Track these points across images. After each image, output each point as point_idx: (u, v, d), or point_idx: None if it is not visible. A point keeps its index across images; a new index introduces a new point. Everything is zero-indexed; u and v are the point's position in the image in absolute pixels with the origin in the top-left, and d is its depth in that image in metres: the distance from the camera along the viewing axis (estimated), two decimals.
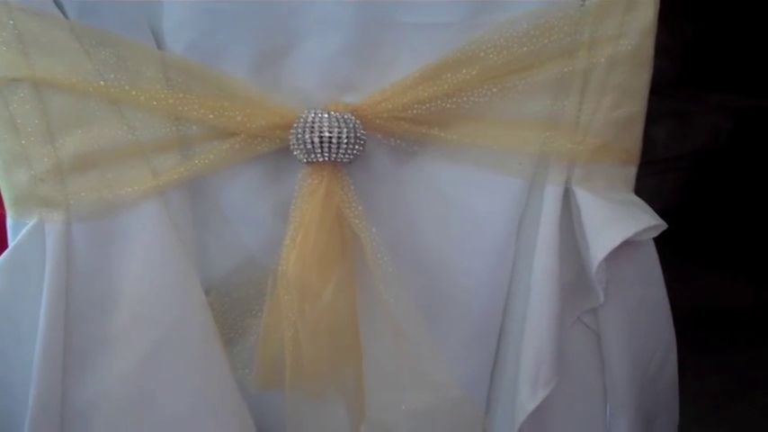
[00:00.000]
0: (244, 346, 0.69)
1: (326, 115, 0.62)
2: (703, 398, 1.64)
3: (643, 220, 0.66)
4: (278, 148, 0.64)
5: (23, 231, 0.61)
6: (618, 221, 0.65)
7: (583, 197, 0.66)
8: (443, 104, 0.64)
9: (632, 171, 0.69)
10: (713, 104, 2.82)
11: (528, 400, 0.66)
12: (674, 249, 0.70)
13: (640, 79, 0.66)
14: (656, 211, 0.68)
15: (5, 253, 0.62)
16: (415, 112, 0.63)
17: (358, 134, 0.63)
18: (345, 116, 0.62)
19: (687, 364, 0.76)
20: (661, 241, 0.69)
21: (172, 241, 0.64)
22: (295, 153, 0.63)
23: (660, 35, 0.66)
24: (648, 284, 0.71)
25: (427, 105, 0.63)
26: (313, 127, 0.62)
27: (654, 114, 0.69)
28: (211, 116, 0.62)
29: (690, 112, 2.73)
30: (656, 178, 2.49)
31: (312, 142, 0.62)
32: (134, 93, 0.61)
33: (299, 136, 0.62)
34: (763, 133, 2.64)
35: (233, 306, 0.69)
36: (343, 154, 0.62)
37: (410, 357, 0.66)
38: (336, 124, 0.62)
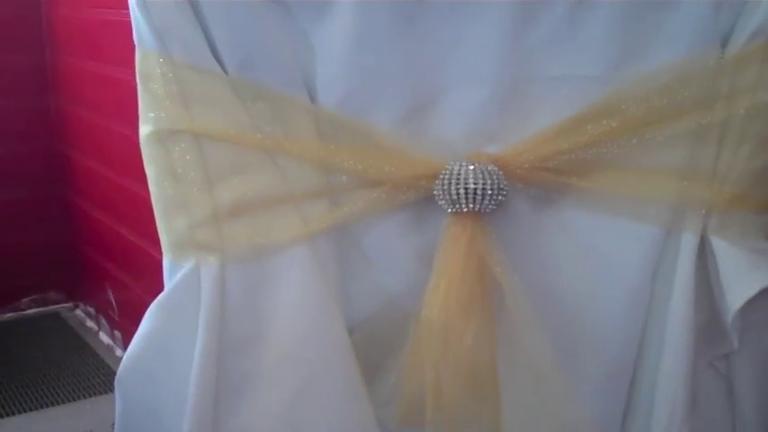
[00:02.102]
0: (384, 384, 0.71)
1: (471, 167, 0.64)
2: None
3: None
4: (422, 197, 0.66)
5: (180, 274, 0.65)
6: (754, 270, 0.66)
7: (719, 245, 0.66)
8: (584, 155, 0.65)
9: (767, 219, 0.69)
10: None
11: None
12: None
13: None
14: None
15: (163, 293, 0.66)
16: (555, 162, 0.65)
17: (501, 185, 0.64)
18: (489, 168, 0.64)
19: None
20: None
21: (319, 284, 0.67)
22: (440, 203, 0.65)
23: None
24: None
25: (567, 156, 0.65)
26: (459, 179, 0.64)
27: None
28: (360, 167, 0.65)
29: None
30: None
31: (458, 193, 0.64)
32: (288, 144, 0.64)
33: (445, 187, 0.64)
34: None
35: (375, 346, 0.71)
36: (487, 204, 0.64)
37: (547, 400, 0.68)
38: (481, 176, 0.64)
